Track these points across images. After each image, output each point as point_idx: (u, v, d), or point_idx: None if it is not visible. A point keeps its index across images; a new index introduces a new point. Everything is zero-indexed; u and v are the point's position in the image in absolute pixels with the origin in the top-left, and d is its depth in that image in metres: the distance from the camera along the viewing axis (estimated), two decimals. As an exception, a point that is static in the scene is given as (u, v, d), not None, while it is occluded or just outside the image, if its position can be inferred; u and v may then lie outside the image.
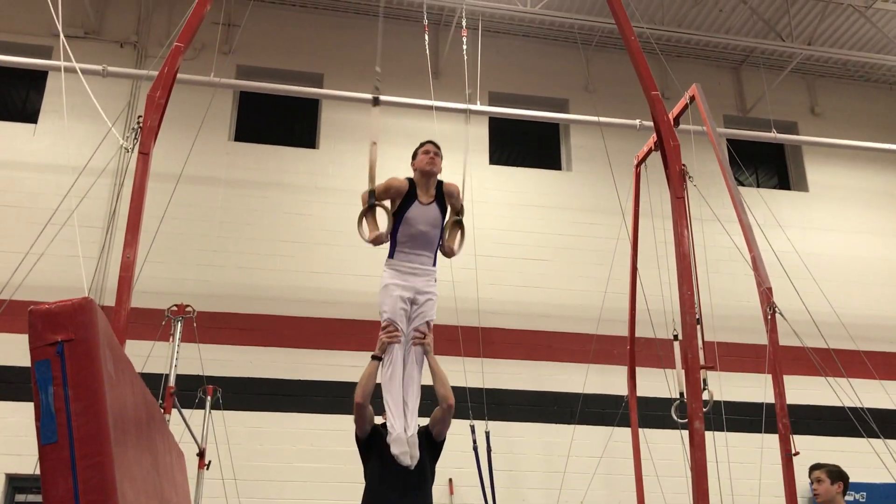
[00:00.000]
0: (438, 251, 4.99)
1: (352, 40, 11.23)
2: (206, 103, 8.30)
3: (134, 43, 10.69)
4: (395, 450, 4.42)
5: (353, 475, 8.77)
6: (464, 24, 8.55)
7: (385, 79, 6.12)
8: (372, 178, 4.90)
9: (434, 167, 4.95)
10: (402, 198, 4.89)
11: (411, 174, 5.01)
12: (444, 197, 4.99)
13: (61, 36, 6.48)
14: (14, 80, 10.62)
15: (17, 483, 8.39)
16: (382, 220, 4.92)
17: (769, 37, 11.59)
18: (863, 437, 6.92)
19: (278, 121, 11.19)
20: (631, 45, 6.05)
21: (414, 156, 5.08)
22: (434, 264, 4.94)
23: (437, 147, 5.05)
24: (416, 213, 4.88)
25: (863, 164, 12.16)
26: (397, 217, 4.90)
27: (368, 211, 4.88)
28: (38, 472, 2.41)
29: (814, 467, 5.23)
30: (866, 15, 11.22)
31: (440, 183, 5.05)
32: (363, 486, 4.56)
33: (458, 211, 5.09)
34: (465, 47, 8.13)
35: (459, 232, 5.09)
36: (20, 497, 8.40)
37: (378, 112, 5.38)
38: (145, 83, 9.17)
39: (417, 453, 4.45)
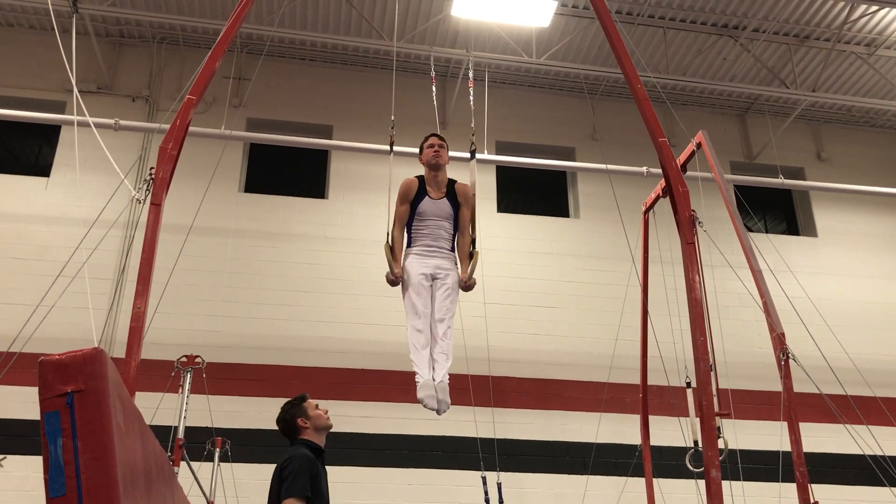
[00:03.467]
0: (455, 249, 5.23)
1: (360, 93, 11.39)
2: (216, 155, 8.39)
3: (146, 97, 10.87)
4: (420, 394, 4.64)
5: (363, 529, 8.65)
6: (471, 75, 8.65)
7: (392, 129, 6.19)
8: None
9: (440, 159, 5.22)
10: (414, 194, 5.14)
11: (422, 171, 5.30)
12: (456, 195, 5.19)
13: (75, 91, 6.60)
14: (27, 134, 10.78)
15: (22, 539, 8.27)
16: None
17: (773, 84, 11.69)
18: (884, 486, 6.78)
19: (288, 172, 11.29)
20: (638, 93, 6.10)
21: (420, 150, 5.29)
22: (452, 250, 5.20)
23: (442, 139, 5.26)
24: (427, 207, 5.14)
25: (871, 208, 12.15)
26: (412, 211, 5.15)
27: (390, 251, 5.12)
28: (45, 526, 2.37)
29: None
30: (869, 62, 11.33)
31: (452, 182, 5.26)
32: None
33: (472, 229, 5.26)
34: (472, 98, 8.22)
35: (471, 259, 5.20)
36: (26, 553, 8.27)
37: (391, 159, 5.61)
38: (157, 136, 9.28)
39: (447, 399, 4.64)
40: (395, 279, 5.05)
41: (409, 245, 5.17)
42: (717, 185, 7.53)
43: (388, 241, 5.14)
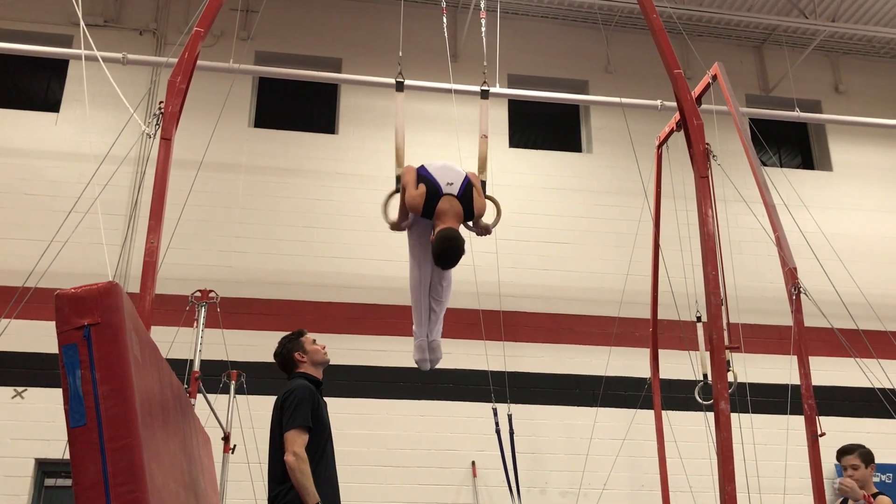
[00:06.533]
0: (473, 231, 5.05)
1: (369, 25, 11.19)
2: (225, 90, 8.29)
3: (153, 31, 10.72)
4: (416, 356, 4.85)
5: (373, 458, 8.85)
6: (482, 5, 8.47)
7: (403, 63, 6.09)
8: (399, 163, 4.98)
9: None
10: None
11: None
12: (471, 197, 4.84)
13: (81, 24, 6.49)
14: (36, 69, 10.69)
15: (46, 468, 8.50)
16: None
17: (792, 14, 11.41)
18: (892, 418, 6.84)
19: (298, 106, 11.19)
20: (653, 24, 5.96)
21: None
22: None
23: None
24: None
25: (888, 142, 11.97)
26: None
27: (393, 195, 4.95)
28: (66, 456, 2.42)
29: (843, 451, 4.96)
30: (892, -10, 11.03)
31: (465, 180, 4.88)
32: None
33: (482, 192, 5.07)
34: (483, 29, 8.06)
35: (495, 207, 5.02)
36: (49, 482, 8.51)
37: (402, 98, 5.45)
38: (165, 71, 9.19)
39: (438, 355, 4.88)
40: (402, 228, 4.91)
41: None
42: (733, 118, 7.44)
43: (394, 192, 4.96)
